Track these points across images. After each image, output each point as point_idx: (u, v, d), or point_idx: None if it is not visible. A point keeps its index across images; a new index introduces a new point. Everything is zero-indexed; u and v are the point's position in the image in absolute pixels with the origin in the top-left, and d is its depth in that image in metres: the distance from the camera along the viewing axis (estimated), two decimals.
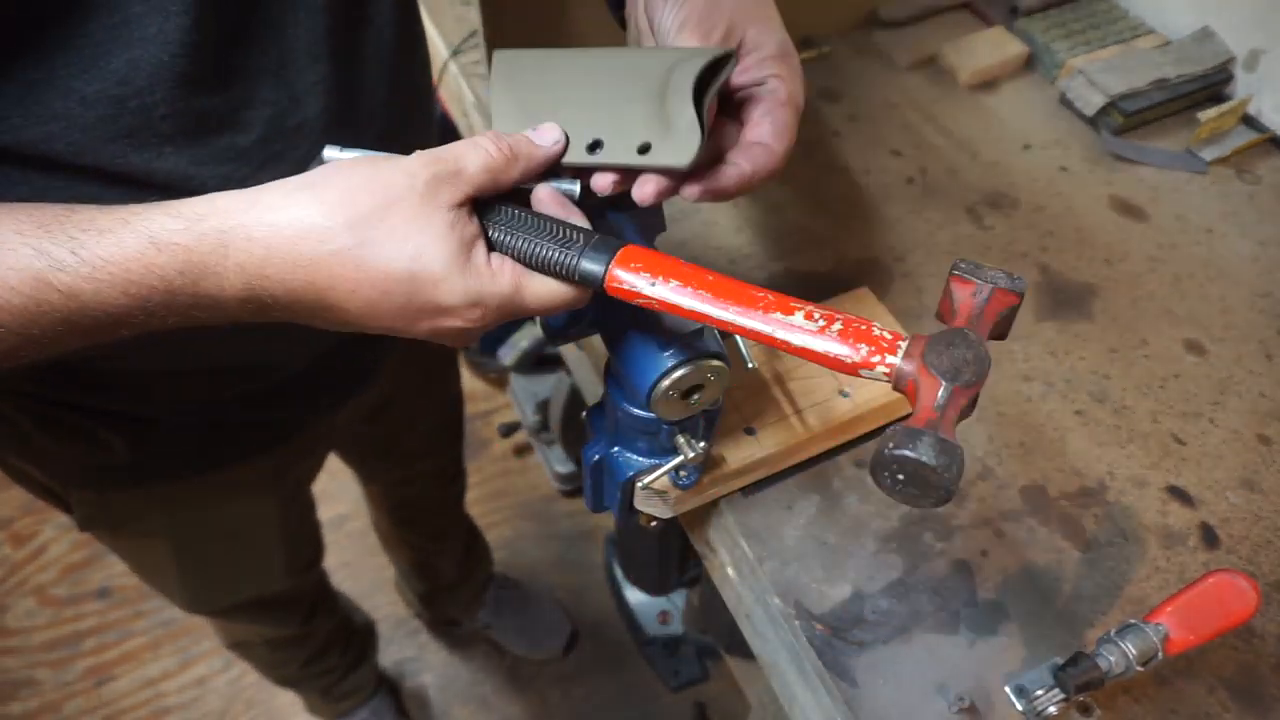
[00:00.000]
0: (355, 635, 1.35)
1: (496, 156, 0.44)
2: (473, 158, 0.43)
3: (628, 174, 0.47)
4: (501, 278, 0.43)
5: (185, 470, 0.72)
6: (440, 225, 0.41)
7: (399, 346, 0.81)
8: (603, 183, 0.47)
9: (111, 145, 0.46)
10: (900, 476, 0.38)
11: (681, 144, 0.45)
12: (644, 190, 0.46)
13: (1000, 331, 0.42)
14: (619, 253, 0.43)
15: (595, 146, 0.47)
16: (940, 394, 0.38)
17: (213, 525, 0.81)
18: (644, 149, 0.46)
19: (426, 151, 0.43)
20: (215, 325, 0.43)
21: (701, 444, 0.54)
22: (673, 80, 0.47)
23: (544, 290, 0.44)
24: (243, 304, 0.41)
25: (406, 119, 0.63)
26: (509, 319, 0.45)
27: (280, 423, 0.75)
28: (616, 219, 0.51)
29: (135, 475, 0.70)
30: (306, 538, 1.01)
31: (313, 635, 1.19)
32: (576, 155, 0.47)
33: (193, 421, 0.68)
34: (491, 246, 0.44)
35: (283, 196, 0.41)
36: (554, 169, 0.47)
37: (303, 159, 0.53)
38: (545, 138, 0.46)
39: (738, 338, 0.54)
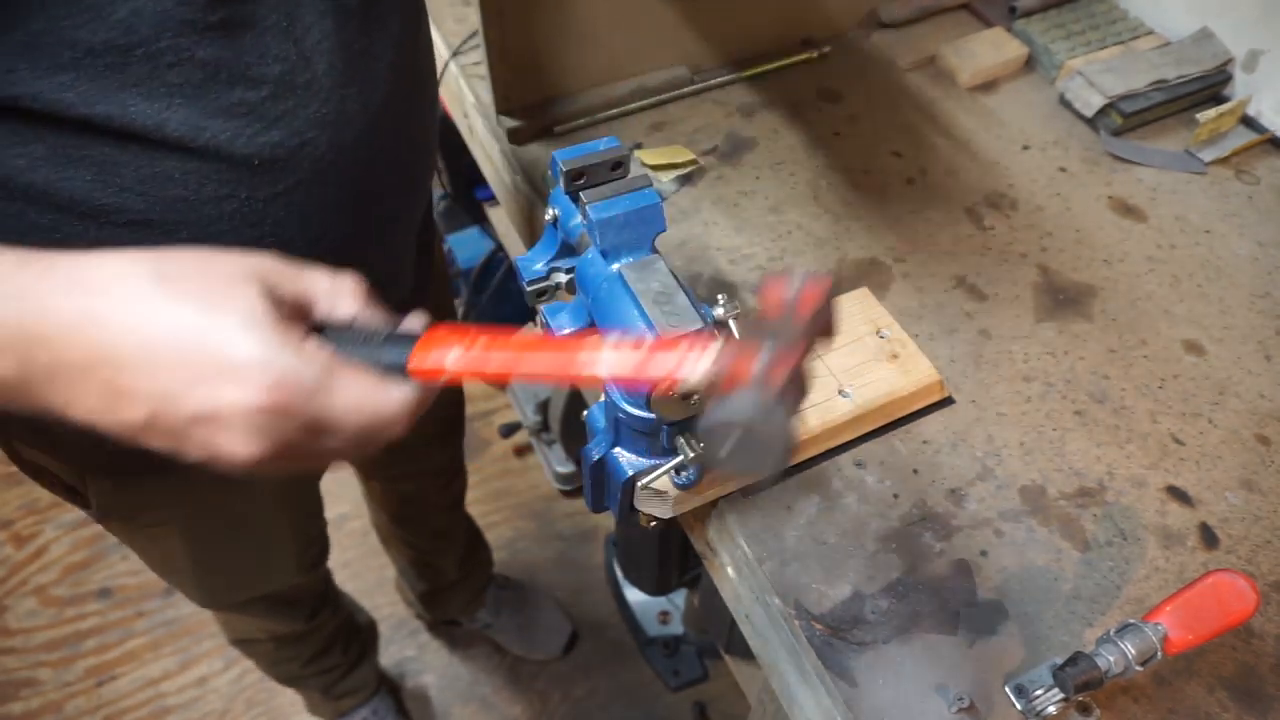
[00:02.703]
0: (357, 634, 1.36)
1: (337, 284, 0.41)
2: (317, 276, 0.41)
3: None
4: (312, 360, 0.37)
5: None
6: (257, 289, 0.37)
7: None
8: None
9: (121, 94, 0.46)
10: (730, 442, 0.38)
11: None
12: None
13: (823, 326, 0.40)
14: (422, 336, 0.41)
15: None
16: (761, 355, 0.38)
17: (225, 516, 0.82)
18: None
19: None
20: None
21: (702, 444, 0.54)
22: None
23: (355, 387, 0.39)
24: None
25: (411, 91, 0.63)
26: (309, 432, 0.38)
27: None
28: (607, 211, 0.51)
29: (150, 465, 0.71)
30: (315, 533, 1.02)
31: (317, 632, 1.20)
32: None
33: None
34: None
35: (96, 255, 0.37)
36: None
37: (313, 117, 0.53)
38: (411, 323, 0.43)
39: (737, 337, 0.54)
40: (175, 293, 0.36)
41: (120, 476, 0.72)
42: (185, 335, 0.36)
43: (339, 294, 0.42)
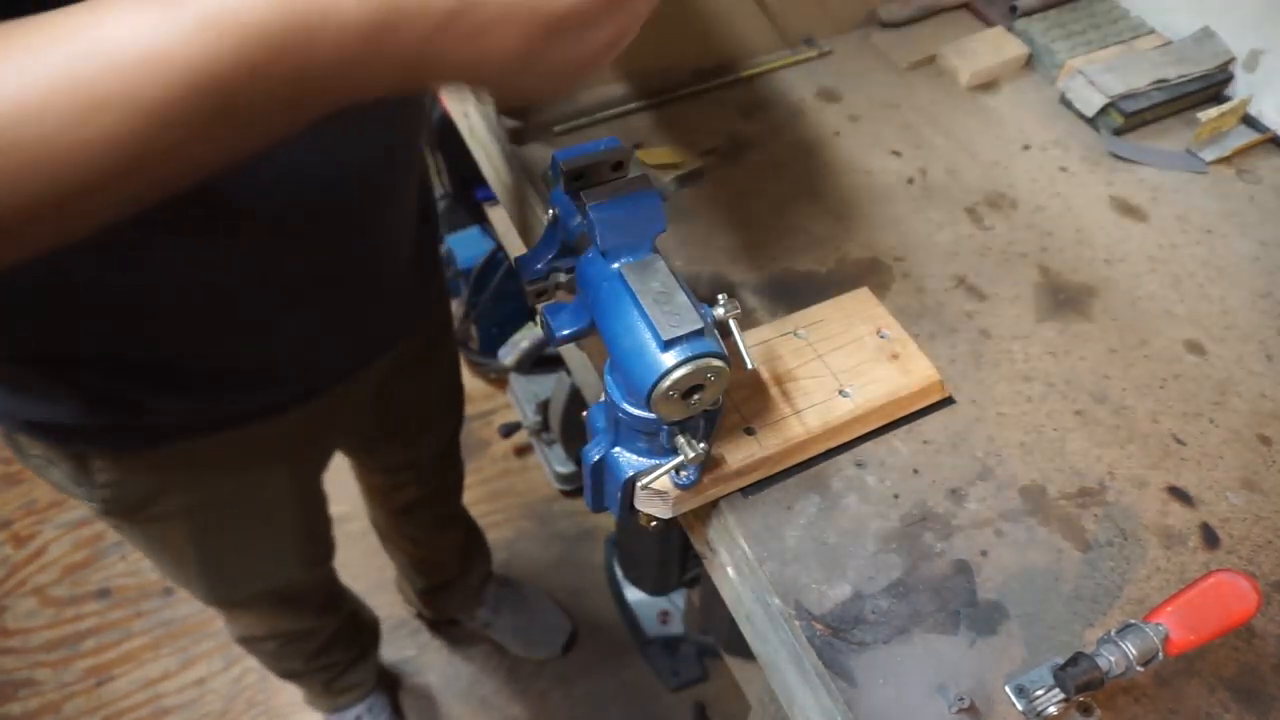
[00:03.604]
0: (359, 631, 1.36)
1: None
2: None
3: None
4: None
5: (200, 427, 0.71)
6: None
7: (408, 317, 0.82)
8: None
9: None
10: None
11: None
12: None
13: None
14: None
15: None
16: None
17: (230, 508, 0.82)
18: None
19: None
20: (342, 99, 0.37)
21: (701, 444, 0.54)
22: None
23: None
24: (367, 36, 0.34)
25: None
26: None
27: (295, 382, 0.75)
28: (607, 211, 0.51)
29: (153, 435, 0.70)
30: (321, 529, 1.02)
31: (321, 630, 1.21)
32: None
33: (212, 372, 0.68)
34: None
35: None
36: None
37: None
38: None
39: (737, 337, 0.54)
40: None
41: (122, 451, 0.71)
42: None
43: None
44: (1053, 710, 0.51)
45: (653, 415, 0.51)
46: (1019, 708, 0.53)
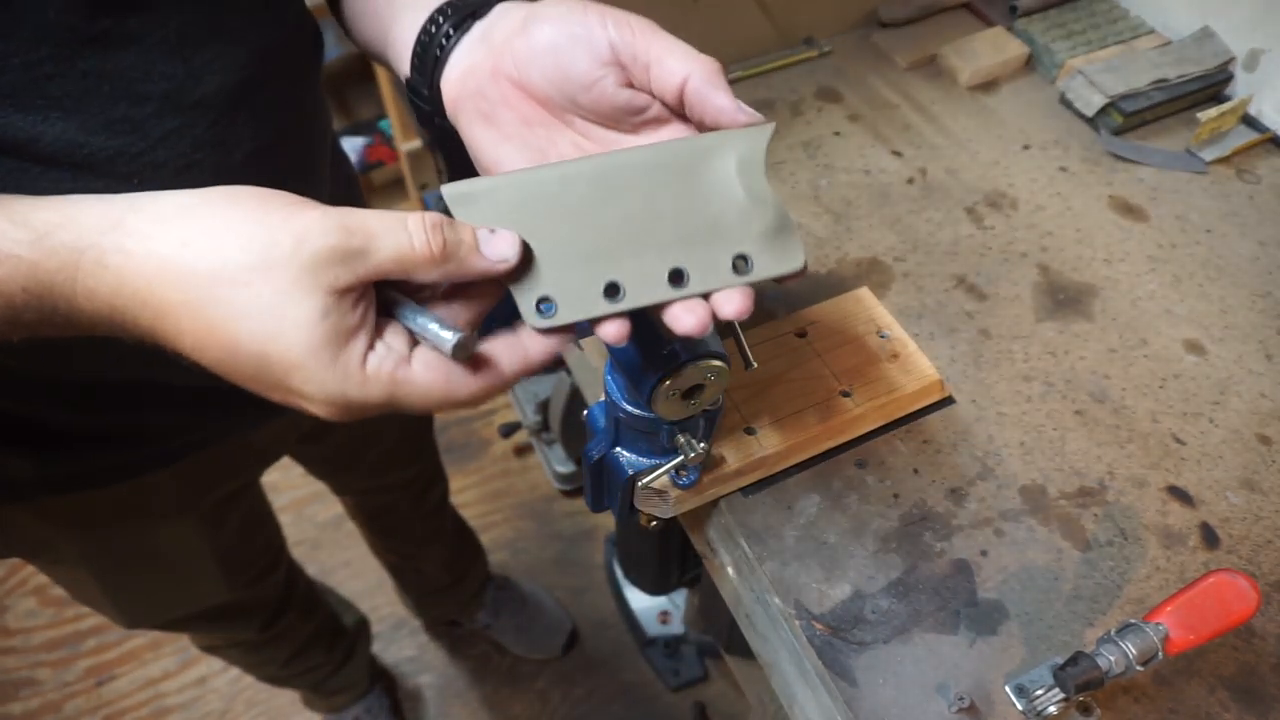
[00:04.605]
0: (342, 634, 1.33)
1: (419, 250, 0.37)
2: (388, 241, 0.37)
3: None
4: (374, 386, 0.37)
5: (65, 484, 0.68)
6: (312, 310, 0.35)
7: None
8: (691, 321, 0.39)
9: None
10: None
11: (784, 244, 0.40)
12: (734, 305, 0.40)
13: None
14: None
15: (678, 277, 0.39)
16: None
17: (128, 551, 0.79)
18: (740, 264, 0.40)
19: (338, 212, 0.37)
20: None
21: (702, 444, 0.54)
22: (719, 171, 0.40)
23: (421, 392, 0.39)
24: (94, 326, 0.37)
25: (302, 121, 0.62)
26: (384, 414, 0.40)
27: (176, 438, 0.71)
28: None
29: (14, 491, 0.67)
30: (252, 552, 0.96)
31: (285, 637, 1.15)
32: (639, 297, 0.39)
33: (82, 432, 0.65)
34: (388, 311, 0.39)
35: (152, 224, 0.36)
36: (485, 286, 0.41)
37: (200, 138, 0.51)
38: (495, 249, 0.39)
39: (738, 337, 0.54)
40: (232, 318, 0.36)
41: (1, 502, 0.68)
42: (247, 362, 0.37)
43: (408, 268, 0.38)
44: (1053, 710, 0.51)
45: (653, 415, 0.51)
46: (1019, 707, 0.53)
